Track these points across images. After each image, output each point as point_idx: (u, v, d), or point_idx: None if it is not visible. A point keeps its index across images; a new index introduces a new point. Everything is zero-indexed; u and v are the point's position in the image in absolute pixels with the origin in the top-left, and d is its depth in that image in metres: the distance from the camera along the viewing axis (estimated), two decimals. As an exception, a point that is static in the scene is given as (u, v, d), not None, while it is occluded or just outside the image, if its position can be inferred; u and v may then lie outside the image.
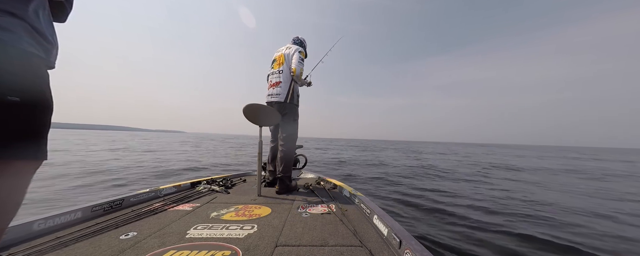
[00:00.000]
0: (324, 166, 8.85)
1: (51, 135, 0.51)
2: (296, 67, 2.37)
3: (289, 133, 2.44)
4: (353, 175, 6.84)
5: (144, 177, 5.56)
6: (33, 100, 0.62)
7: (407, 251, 1.02)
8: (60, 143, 17.02)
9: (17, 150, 0.61)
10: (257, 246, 1.16)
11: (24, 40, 0.60)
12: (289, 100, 2.40)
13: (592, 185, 6.43)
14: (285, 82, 2.41)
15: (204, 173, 6.53)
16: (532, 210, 3.70)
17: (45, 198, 3.55)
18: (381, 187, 5.23)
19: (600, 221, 3.23)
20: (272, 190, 2.40)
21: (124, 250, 1.10)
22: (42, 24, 0.66)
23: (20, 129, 0.61)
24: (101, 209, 1.58)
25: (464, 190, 5.01)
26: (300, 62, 2.40)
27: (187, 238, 1.24)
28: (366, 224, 1.51)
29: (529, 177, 7.71)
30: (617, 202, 4.49)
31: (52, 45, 0.70)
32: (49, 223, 1.28)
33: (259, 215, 1.66)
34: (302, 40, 2.71)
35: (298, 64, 2.38)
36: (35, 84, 0.63)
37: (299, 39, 2.70)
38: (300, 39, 2.71)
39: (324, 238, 1.27)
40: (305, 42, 2.73)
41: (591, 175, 8.75)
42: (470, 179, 6.71)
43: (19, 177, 0.64)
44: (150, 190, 2.02)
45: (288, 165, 2.39)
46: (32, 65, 0.63)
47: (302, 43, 2.69)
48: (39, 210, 3.02)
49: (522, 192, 5.04)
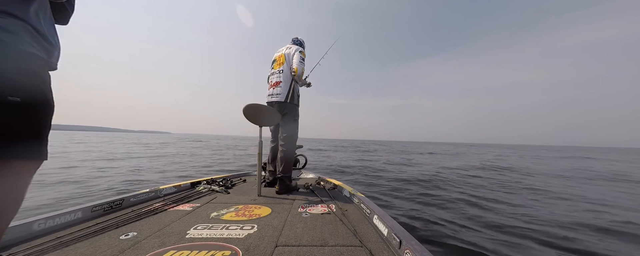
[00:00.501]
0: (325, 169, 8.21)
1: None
2: (297, 66, 2.37)
3: (289, 133, 2.44)
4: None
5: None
6: (34, 101, 0.62)
7: (407, 251, 1.02)
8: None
9: (18, 150, 0.61)
10: (257, 246, 1.16)
11: (24, 41, 0.60)
12: (290, 100, 2.41)
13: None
14: (285, 82, 2.42)
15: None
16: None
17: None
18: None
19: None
20: (272, 190, 2.40)
21: (124, 250, 1.10)
22: (43, 25, 0.66)
23: (21, 129, 0.61)
24: (101, 209, 1.58)
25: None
26: (301, 62, 2.40)
27: (187, 238, 1.24)
28: (366, 224, 1.51)
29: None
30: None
31: (53, 47, 0.70)
32: (49, 223, 1.28)
33: (259, 215, 1.66)
34: (301, 41, 2.72)
35: (299, 64, 2.38)
36: (36, 85, 0.64)
37: (298, 40, 2.71)
38: (300, 39, 2.72)
39: (324, 238, 1.27)
40: (304, 43, 2.74)
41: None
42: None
43: (20, 177, 0.64)
44: (150, 190, 2.02)
45: (288, 165, 2.39)
46: (33, 66, 0.63)
47: (302, 43, 2.70)
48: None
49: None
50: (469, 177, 7.02)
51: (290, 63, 2.43)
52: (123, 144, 21.04)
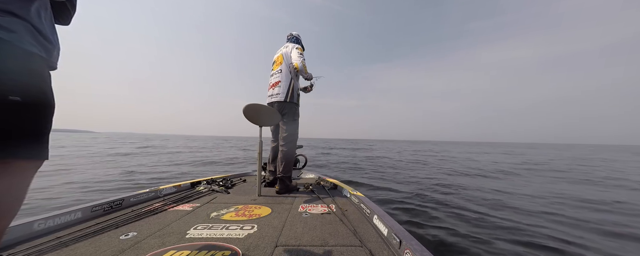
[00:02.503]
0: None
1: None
2: (297, 61, 2.38)
3: (290, 132, 2.44)
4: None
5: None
6: (35, 100, 0.62)
7: (407, 251, 1.02)
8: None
9: (19, 150, 0.61)
10: (257, 246, 1.16)
11: (25, 40, 0.60)
12: (289, 99, 2.41)
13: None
14: (284, 80, 2.42)
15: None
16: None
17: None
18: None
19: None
20: (272, 190, 2.40)
21: (124, 250, 1.10)
22: (43, 24, 0.66)
23: (22, 129, 0.61)
24: (101, 209, 1.58)
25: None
26: (300, 56, 2.41)
27: (187, 238, 1.24)
28: (366, 224, 1.51)
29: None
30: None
31: (53, 46, 0.70)
32: (49, 223, 1.28)
33: (259, 215, 1.66)
34: (296, 36, 2.73)
35: (298, 58, 2.38)
36: (37, 84, 0.63)
37: (293, 36, 2.72)
38: (295, 35, 2.73)
39: (324, 238, 1.27)
40: (300, 38, 2.76)
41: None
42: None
43: (20, 177, 0.64)
44: (150, 190, 2.02)
45: (288, 165, 2.39)
46: (34, 65, 0.63)
47: (298, 39, 2.71)
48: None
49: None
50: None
51: (289, 60, 2.44)
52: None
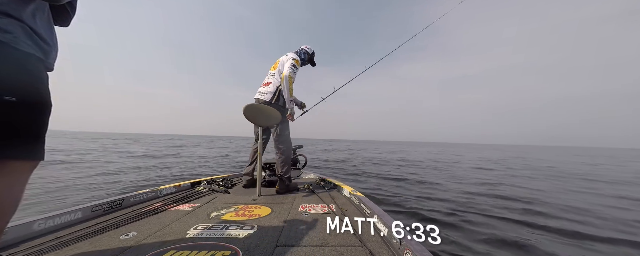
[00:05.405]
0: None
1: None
2: (286, 71, 2.44)
3: (280, 132, 2.48)
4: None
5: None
6: (30, 100, 0.62)
7: (407, 251, 1.02)
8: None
9: (14, 150, 0.60)
10: (257, 246, 1.16)
11: (21, 41, 0.60)
12: (274, 101, 2.44)
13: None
14: (273, 84, 2.49)
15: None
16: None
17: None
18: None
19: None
20: (272, 190, 2.40)
21: (124, 250, 1.10)
22: (39, 26, 0.66)
23: (17, 129, 0.60)
24: (101, 209, 1.58)
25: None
26: (291, 68, 2.46)
27: (187, 238, 1.24)
28: (366, 224, 1.50)
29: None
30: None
31: (50, 47, 0.70)
32: (49, 223, 1.28)
33: (259, 215, 1.65)
34: (306, 50, 2.77)
35: (288, 69, 2.45)
36: (33, 84, 0.63)
37: (301, 49, 2.77)
38: (304, 48, 2.77)
39: (324, 238, 1.27)
40: (311, 51, 2.79)
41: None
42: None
43: (16, 177, 0.63)
44: (150, 190, 2.02)
45: (287, 165, 2.40)
46: (30, 66, 0.62)
47: (302, 53, 2.74)
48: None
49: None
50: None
51: (281, 68, 2.50)
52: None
